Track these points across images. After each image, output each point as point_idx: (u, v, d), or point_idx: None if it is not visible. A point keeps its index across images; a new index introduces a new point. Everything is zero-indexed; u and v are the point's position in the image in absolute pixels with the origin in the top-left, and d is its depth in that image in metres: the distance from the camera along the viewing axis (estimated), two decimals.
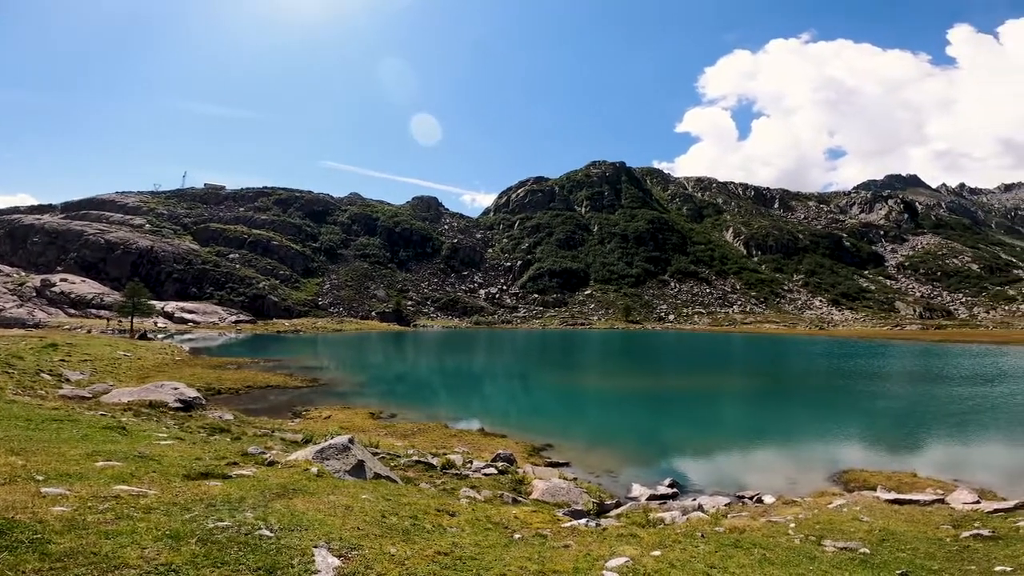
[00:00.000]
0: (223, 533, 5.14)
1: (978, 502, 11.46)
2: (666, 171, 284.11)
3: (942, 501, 11.78)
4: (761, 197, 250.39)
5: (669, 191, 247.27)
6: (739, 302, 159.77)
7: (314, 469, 8.63)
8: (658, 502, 12.88)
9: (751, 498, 13.38)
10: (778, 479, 15.80)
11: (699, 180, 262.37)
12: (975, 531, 8.74)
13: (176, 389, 20.26)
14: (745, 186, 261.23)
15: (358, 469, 9.41)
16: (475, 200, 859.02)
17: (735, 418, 27.69)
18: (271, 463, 9.03)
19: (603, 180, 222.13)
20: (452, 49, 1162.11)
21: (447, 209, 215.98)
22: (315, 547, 5.14)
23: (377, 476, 9.62)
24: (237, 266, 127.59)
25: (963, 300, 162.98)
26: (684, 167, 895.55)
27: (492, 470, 13.66)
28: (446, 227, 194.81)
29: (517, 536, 7.40)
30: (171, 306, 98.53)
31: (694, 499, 13.18)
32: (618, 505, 12.19)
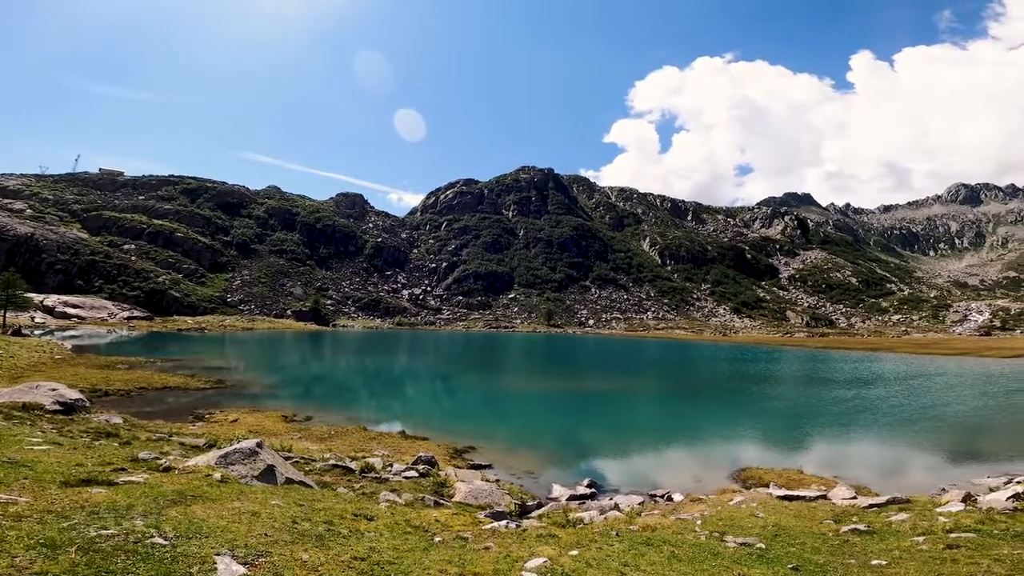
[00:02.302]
0: (108, 541, 4.67)
1: (855, 498, 12.65)
2: (592, 180, 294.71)
3: (825, 497, 12.91)
4: (677, 209, 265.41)
5: (594, 199, 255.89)
6: (653, 308, 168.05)
7: (217, 475, 8.01)
8: (577, 502, 13.19)
9: (662, 496, 14.03)
10: (686, 478, 16.69)
11: (622, 190, 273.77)
12: (853, 526, 9.55)
13: (55, 390, 18.11)
14: (663, 198, 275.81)
15: (268, 474, 8.84)
16: (402, 199, 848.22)
17: (648, 419, 28.95)
18: (167, 469, 8.30)
19: (532, 185, 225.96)
20: (388, 48, 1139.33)
21: (373, 207, 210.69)
22: (217, 555, 4.79)
23: (290, 481, 9.09)
24: (133, 258, 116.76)
25: (843, 310, 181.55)
26: (609, 176, 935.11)
27: (413, 473, 13.35)
28: (371, 225, 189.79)
29: (437, 539, 7.30)
30: (52, 300, 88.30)
31: (611, 498, 13.63)
32: (539, 506, 12.34)
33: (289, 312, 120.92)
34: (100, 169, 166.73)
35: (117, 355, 42.54)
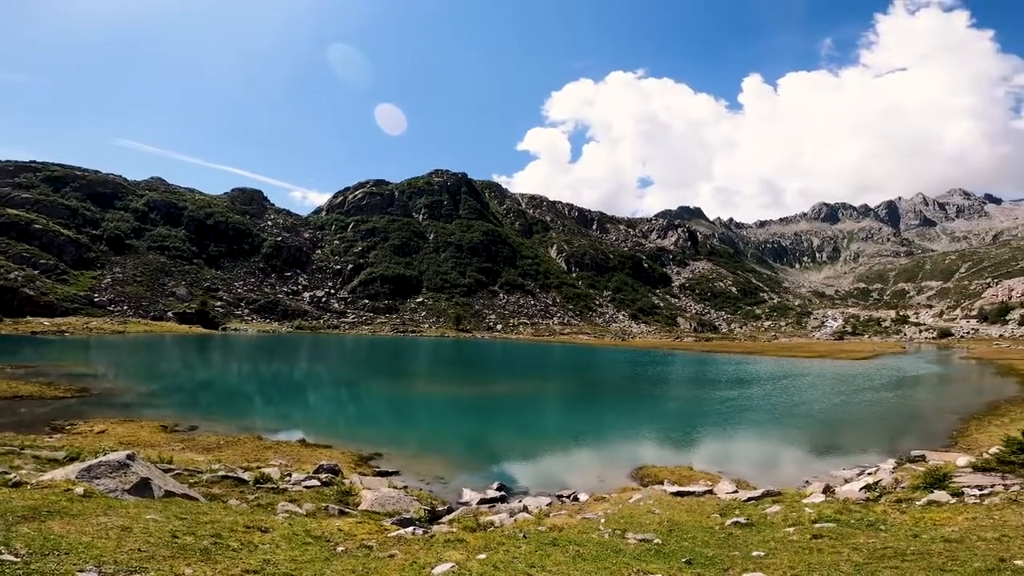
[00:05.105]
0: None
1: (736, 491, 13.84)
2: (504, 185, 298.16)
3: (711, 492, 13.99)
4: (583, 218, 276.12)
5: (505, 205, 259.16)
6: (558, 314, 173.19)
7: (79, 489, 7.05)
8: (488, 506, 13.19)
9: (569, 496, 14.40)
10: (591, 477, 17.25)
11: (532, 197, 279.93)
12: (735, 519, 10.44)
13: None
14: (571, 206, 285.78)
15: (142, 487, 7.91)
16: (307, 197, 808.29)
17: (555, 422, 29.68)
18: (17, 484, 7.18)
19: (444, 189, 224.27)
20: (299, 40, 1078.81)
21: (273, 204, 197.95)
22: (80, 572, 4.26)
23: (170, 494, 8.18)
24: None
25: (724, 317, 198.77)
26: (521, 183, 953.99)
27: (315, 482, 12.58)
28: (270, 223, 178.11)
29: (340, 549, 6.99)
30: None
31: (520, 501, 13.75)
32: (450, 511, 12.19)
33: (170, 314, 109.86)
34: None
35: None
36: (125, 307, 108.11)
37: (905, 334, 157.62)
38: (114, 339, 75.77)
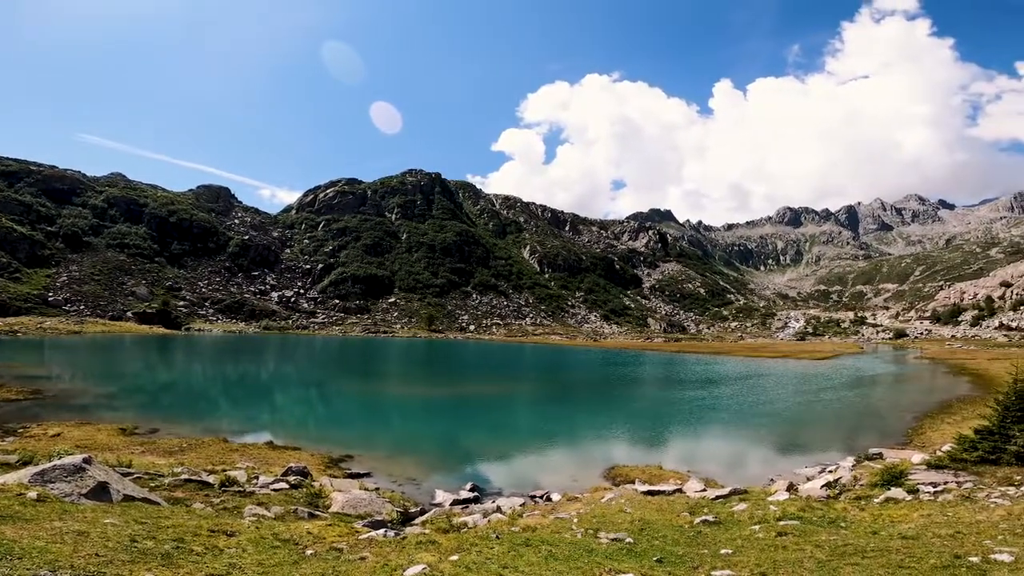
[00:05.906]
0: None
1: (705, 490, 14.10)
2: (479, 186, 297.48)
3: (681, 491, 14.21)
4: (556, 219, 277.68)
5: (479, 206, 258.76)
6: (531, 315, 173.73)
7: (32, 493, 6.74)
8: (461, 507, 13.16)
9: (542, 497, 14.45)
10: (564, 477, 17.31)
11: (506, 198, 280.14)
12: (704, 517, 10.63)
13: None
14: (544, 207, 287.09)
15: (100, 492, 7.60)
16: (275, 196, 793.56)
17: (528, 422, 29.65)
18: None
19: (418, 189, 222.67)
20: (272, 35, 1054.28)
21: (240, 202, 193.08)
22: None
23: (129, 498, 7.88)
24: None
25: (693, 318, 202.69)
26: (496, 183, 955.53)
27: (283, 485, 12.29)
28: (237, 221, 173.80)
29: (309, 552, 6.86)
30: None
31: (493, 501, 13.74)
32: (423, 512, 12.09)
33: (130, 314, 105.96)
34: None
35: None
36: (82, 306, 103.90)
37: (863, 335, 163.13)
38: (70, 339, 72.72)
